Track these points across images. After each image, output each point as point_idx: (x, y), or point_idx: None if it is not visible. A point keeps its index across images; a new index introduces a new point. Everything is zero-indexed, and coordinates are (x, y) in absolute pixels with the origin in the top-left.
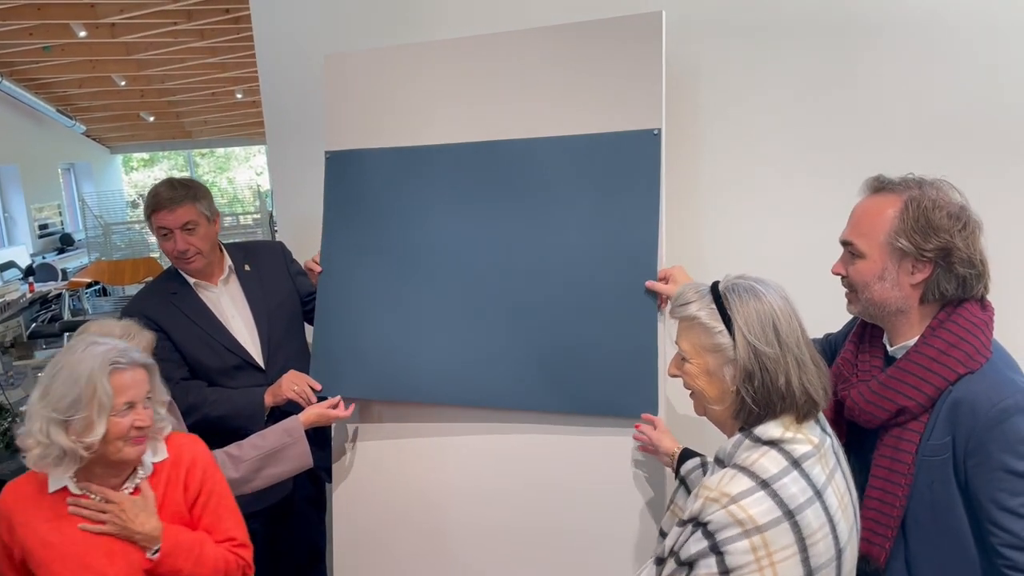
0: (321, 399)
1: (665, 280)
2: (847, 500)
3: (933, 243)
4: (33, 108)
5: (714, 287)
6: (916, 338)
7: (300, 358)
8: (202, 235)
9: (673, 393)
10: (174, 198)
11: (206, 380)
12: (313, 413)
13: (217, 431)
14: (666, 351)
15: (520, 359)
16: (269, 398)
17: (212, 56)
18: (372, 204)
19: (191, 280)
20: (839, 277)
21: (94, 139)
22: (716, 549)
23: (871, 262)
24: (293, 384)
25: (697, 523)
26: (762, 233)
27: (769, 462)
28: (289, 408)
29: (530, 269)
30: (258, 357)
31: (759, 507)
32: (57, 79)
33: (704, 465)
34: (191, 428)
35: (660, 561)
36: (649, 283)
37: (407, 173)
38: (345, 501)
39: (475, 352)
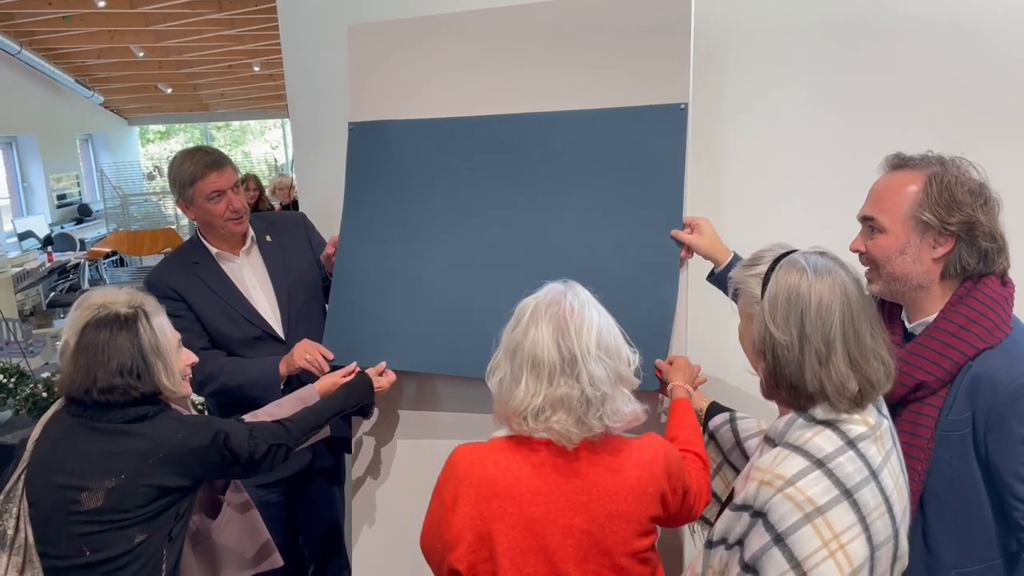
0: (335, 368)
1: (690, 229)
2: (901, 482)
3: (957, 217)
4: (52, 78)
5: (783, 255)
6: (935, 314)
7: (321, 329)
8: (241, 195)
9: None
10: (220, 160)
11: (227, 351)
12: (327, 382)
13: (236, 400)
14: (686, 329)
15: None
16: (283, 367)
17: (230, 28)
18: (394, 175)
19: (213, 250)
20: (858, 254)
21: (112, 110)
22: (780, 540)
23: (893, 236)
24: (305, 353)
25: (755, 512)
26: (786, 210)
27: (823, 441)
28: (305, 378)
29: (551, 242)
30: (279, 329)
31: (816, 487)
32: (76, 49)
33: (733, 421)
34: (210, 397)
35: (711, 544)
36: (674, 232)
37: (430, 145)
38: (363, 475)
39: (491, 324)
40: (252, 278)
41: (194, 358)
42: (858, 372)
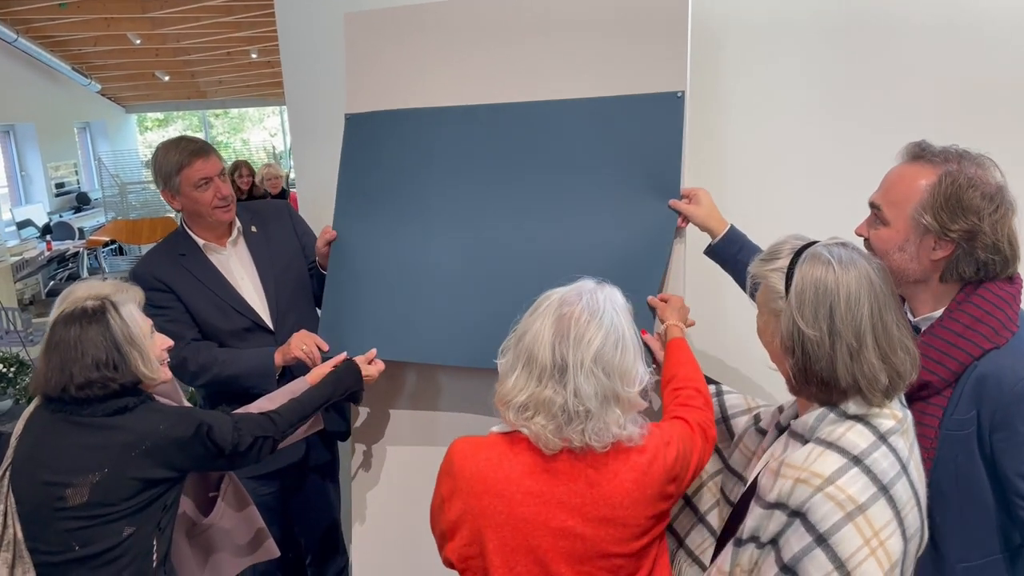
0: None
1: (688, 199)
2: (923, 473)
3: (959, 224)
4: (49, 66)
5: (802, 248)
6: (940, 311)
7: (310, 319)
8: (228, 183)
9: None
10: (204, 147)
11: (217, 342)
12: (317, 373)
13: (229, 391)
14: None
15: None
16: (279, 357)
17: (227, 15)
18: (387, 165)
19: (200, 242)
20: (862, 239)
21: (109, 98)
22: (822, 540)
23: (894, 231)
24: (302, 343)
25: (793, 512)
26: (786, 198)
27: (857, 437)
28: (298, 371)
29: (546, 232)
30: (267, 319)
31: (856, 485)
32: (72, 37)
33: (720, 395)
34: (203, 388)
35: (739, 542)
36: (672, 201)
37: (423, 134)
38: (360, 465)
39: (486, 315)
40: (240, 269)
41: (169, 342)
42: (888, 364)
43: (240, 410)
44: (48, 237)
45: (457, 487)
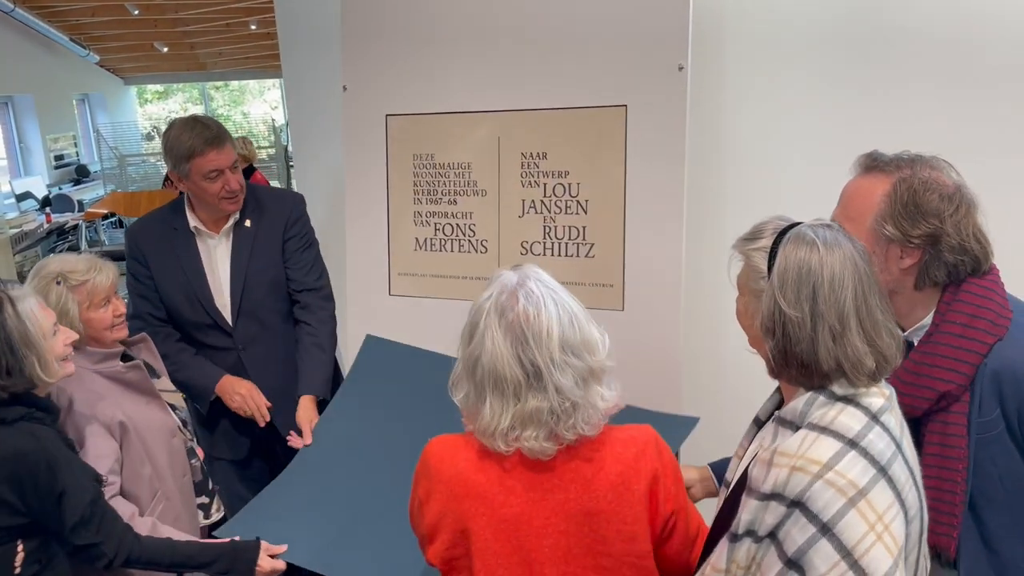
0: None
1: None
2: (914, 450)
3: (921, 229)
4: (47, 36)
5: (786, 229)
6: (927, 317)
7: (272, 328)
8: (239, 174)
9: None
10: (221, 136)
11: (178, 329)
12: (242, 395)
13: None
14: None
15: None
16: (219, 389)
17: None
18: (383, 400)
19: (193, 223)
20: None
21: (108, 70)
22: (827, 529)
23: None
24: (244, 406)
25: (792, 502)
26: (787, 173)
27: (849, 419)
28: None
29: None
30: (229, 318)
31: (855, 468)
32: (70, 7)
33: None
34: None
35: (735, 537)
36: None
37: (430, 380)
38: None
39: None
40: (225, 260)
41: (74, 336)
42: (874, 348)
43: (145, 522)
44: (47, 209)
45: (434, 489)
